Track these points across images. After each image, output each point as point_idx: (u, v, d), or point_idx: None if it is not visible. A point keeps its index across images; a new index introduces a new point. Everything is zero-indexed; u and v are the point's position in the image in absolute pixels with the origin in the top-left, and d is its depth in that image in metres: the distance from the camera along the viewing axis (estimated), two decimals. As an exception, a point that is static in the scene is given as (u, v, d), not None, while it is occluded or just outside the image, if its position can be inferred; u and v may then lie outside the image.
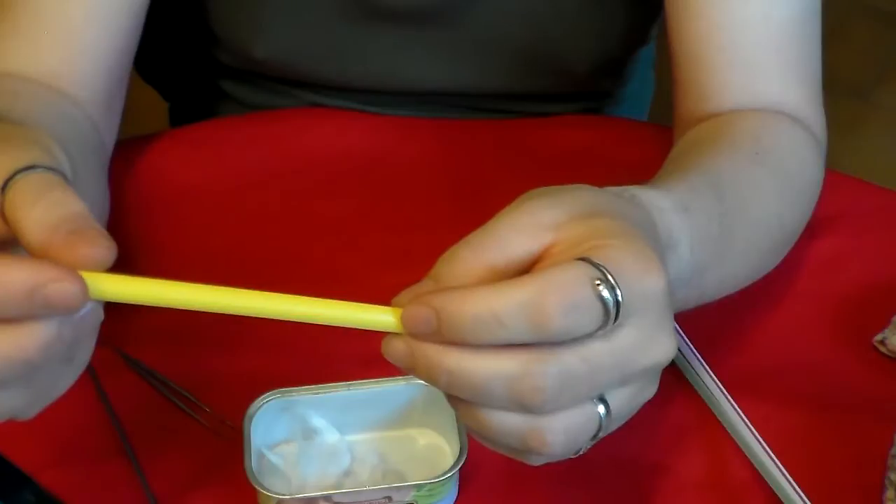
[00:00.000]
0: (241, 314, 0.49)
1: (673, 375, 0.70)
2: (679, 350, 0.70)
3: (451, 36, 0.86)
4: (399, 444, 0.65)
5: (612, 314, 0.46)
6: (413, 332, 0.46)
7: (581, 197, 0.50)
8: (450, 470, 0.61)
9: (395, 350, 0.47)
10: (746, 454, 0.66)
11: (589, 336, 0.46)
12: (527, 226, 0.48)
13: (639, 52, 0.96)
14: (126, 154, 0.83)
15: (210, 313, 0.75)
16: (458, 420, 0.63)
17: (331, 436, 0.64)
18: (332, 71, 0.89)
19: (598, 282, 0.45)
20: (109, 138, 0.79)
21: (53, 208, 0.47)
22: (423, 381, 0.64)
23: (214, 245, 0.79)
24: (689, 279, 0.59)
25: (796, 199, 0.73)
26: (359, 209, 0.81)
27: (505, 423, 0.47)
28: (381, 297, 0.75)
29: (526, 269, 0.48)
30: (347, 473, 0.64)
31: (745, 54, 0.75)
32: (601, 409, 0.47)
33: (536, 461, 0.49)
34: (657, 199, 0.56)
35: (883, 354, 0.72)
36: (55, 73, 0.74)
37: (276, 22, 0.86)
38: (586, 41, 0.87)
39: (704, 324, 0.71)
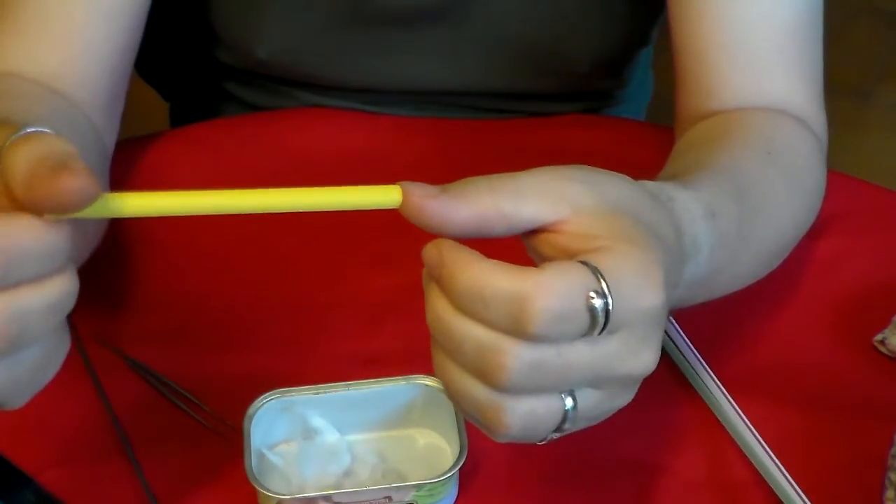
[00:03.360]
0: (244, 212, 0.50)
1: (673, 375, 0.70)
2: (679, 350, 0.70)
3: (451, 36, 0.86)
4: (399, 444, 0.65)
5: (599, 324, 0.46)
6: (424, 271, 0.48)
7: (616, 187, 0.51)
8: (450, 470, 0.61)
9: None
10: (746, 454, 0.66)
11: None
12: (551, 192, 0.49)
13: (639, 53, 0.96)
14: (126, 154, 0.83)
15: (212, 315, 0.75)
16: (458, 420, 0.63)
17: (331, 436, 0.64)
18: (333, 71, 0.89)
19: (592, 293, 0.45)
20: (110, 139, 0.78)
21: (42, 146, 0.46)
22: (423, 382, 0.64)
23: (214, 245, 0.79)
24: (703, 280, 0.59)
25: (806, 199, 0.73)
26: (359, 209, 0.81)
27: (468, 388, 0.47)
28: (381, 297, 0.75)
29: (527, 230, 0.49)
30: (347, 473, 0.64)
31: (748, 53, 0.75)
32: (569, 402, 0.47)
33: (495, 438, 0.49)
34: (690, 204, 0.56)
35: (883, 354, 0.72)
36: (56, 73, 0.74)
37: (277, 22, 0.86)
38: (587, 41, 0.87)
39: (704, 324, 0.71)
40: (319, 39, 0.87)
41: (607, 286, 0.45)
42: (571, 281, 0.45)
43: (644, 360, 0.48)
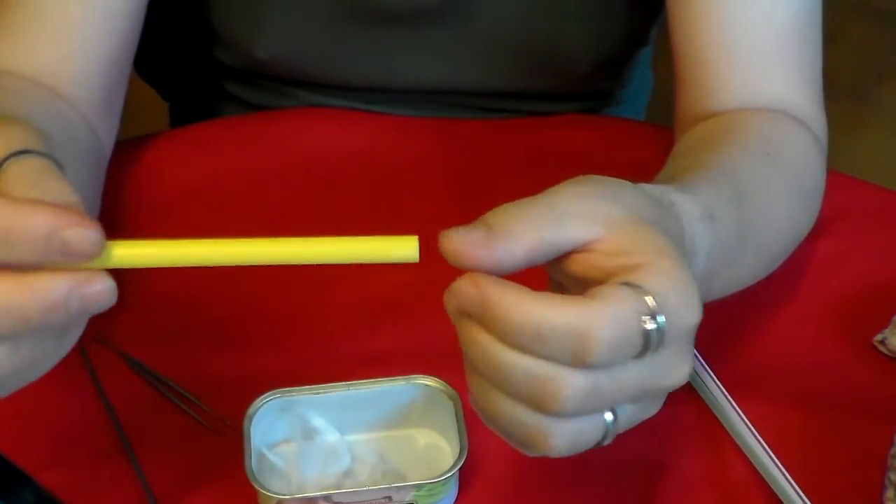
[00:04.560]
0: (253, 263, 0.49)
1: (673, 375, 0.70)
2: (679, 350, 0.70)
3: (451, 35, 0.86)
4: (399, 444, 0.65)
5: (651, 346, 0.46)
6: (457, 306, 0.47)
7: (634, 198, 0.51)
8: (450, 470, 0.61)
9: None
10: (746, 454, 0.66)
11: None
12: (584, 215, 0.49)
13: (639, 52, 0.96)
14: (126, 154, 0.83)
15: (212, 315, 0.75)
16: (458, 420, 0.63)
17: (331, 436, 0.64)
18: (333, 70, 0.89)
19: (644, 318, 0.46)
20: (108, 138, 0.78)
21: (48, 196, 0.47)
22: (423, 382, 0.64)
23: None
24: (699, 283, 0.59)
25: (805, 200, 0.73)
26: (359, 209, 0.81)
27: (515, 413, 0.47)
28: (381, 297, 0.75)
29: (567, 252, 0.48)
30: (347, 473, 0.64)
31: (747, 54, 0.75)
32: (609, 417, 0.48)
33: (533, 454, 0.49)
34: (688, 207, 0.56)
35: (883, 354, 0.72)
36: (52, 71, 0.74)
37: (277, 22, 0.86)
38: (586, 41, 0.87)
39: (704, 324, 0.71)
40: (319, 39, 0.87)
41: (658, 308, 0.46)
42: (626, 308, 0.46)
43: (683, 372, 0.49)
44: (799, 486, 0.63)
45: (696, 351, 0.70)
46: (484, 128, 0.88)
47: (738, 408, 0.67)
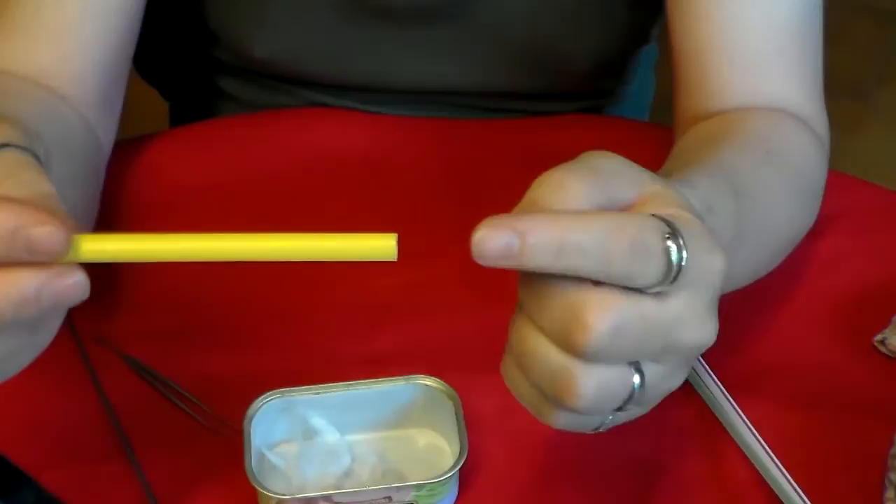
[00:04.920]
0: (227, 259, 0.48)
1: (673, 375, 0.70)
2: (679, 350, 0.70)
3: (451, 35, 0.86)
4: (399, 444, 0.65)
5: (673, 271, 0.46)
6: (487, 258, 0.45)
7: (646, 171, 0.51)
8: (450, 470, 0.61)
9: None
10: (746, 454, 0.66)
11: (644, 293, 0.46)
12: (625, 174, 0.49)
13: (640, 51, 0.96)
14: (125, 154, 0.83)
15: (212, 315, 0.75)
16: (458, 420, 0.63)
17: (331, 436, 0.64)
18: (333, 70, 0.89)
19: (667, 235, 0.46)
20: (107, 137, 0.78)
21: (21, 187, 0.47)
22: (423, 382, 0.64)
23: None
24: None
25: (804, 199, 0.73)
26: (359, 208, 0.81)
27: (545, 354, 0.47)
28: (381, 297, 0.75)
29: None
30: (347, 473, 0.64)
31: (747, 54, 0.75)
32: (636, 379, 0.48)
33: (556, 418, 0.49)
34: (688, 194, 0.56)
35: (883, 354, 0.72)
36: (50, 71, 0.74)
37: (276, 21, 0.86)
38: (588, 40, 0.87)
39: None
40: (319, 38, 0.87)
41: (681, 235, 0.46)
42: (649, 222, 0.46)
43: (708, 328, 0.49)
44: (799, 486, 0.63)
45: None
46: (484, 128, 0.88)
47: (738, 408, 0.67)
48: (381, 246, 0.47)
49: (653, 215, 0.47)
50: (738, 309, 0.72)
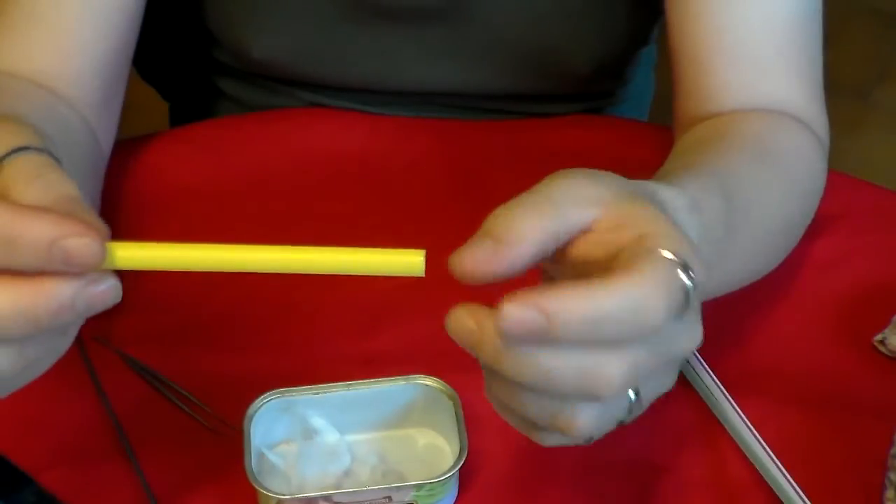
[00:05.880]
0: (257, 271, 0.48)
1: (673, 375, 0.70)
2: (679, 350, 0.70)
3: (451, 36, 0.86)
4: (399, 444, 0.65)
5: (690, 304, 0.47)
6: (515, 336, 0.45)
7: (618, 180, 0.51)
8: (450, 470, 0.61)
9: (462, 327, 0.46)
10: (746, 454, 0.66)
11: None
12: (579, 198, 0.49)
13: (640, 52, 0.96)
14: (125, 154, 0.83)
15: (212, 315, 0.75)
16: (458, 420, 0.63)
17: (331, 436, 0.64)
18: (332, 71, 0.89)
19: (682, 274, 0.46)
20: (106, 138, 0.78)
21: (49, 189, 0.48)
22: (423, 382, 0.64)
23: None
24: None
25: (800, 199, 0.73)
26: (359, 209, 0.81)
27: (543, 401, 0.47)
28: (381, 297, 0.75)
29: (571, 239, 0.48)
30: (347, 473, 0.64)
31: (746, 55, 0.75)
32: (632, 394, 0.48)
33: (552, 440, 0.49)
34: (673, 198, 0.56)
35: (883, 354, 0.72)
36: (49, 72, 0.74)
37: (274, 22, 0.86)
38: (588, 41, 0.87)
39: (704, 324, 0.71)
40: (318, 39, 0.87)
41: (691, 268, 0.46)
42: (670, 269, 0.46)
43: (699, 333, 0.49)
44: (799, 486, 0.63)
45: (695, 351, 0.70)
46: (484, 128, 0.88)
47: (738, 408, 0.67)
48: (409, 262, 0.47)
49: (669, 258, 0.46)
50: (738, 309, 0.72)
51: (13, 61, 0.74)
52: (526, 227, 0.47)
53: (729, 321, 0.73)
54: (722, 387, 0.68)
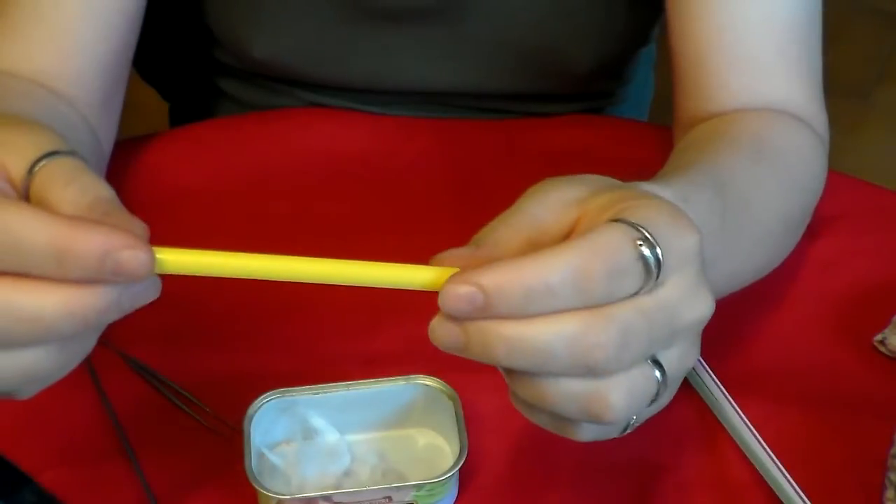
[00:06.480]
0: (293, 280, 0.51)
1: (673, 375, 0.70)
2: (679, 350, 0.70)
3: (451, 36, 0.86)
4: (399, 444, 0.65)
5: (653, 273, 0.46)
6: (456, 311, 0.46)
7: (597, 178, 0.51)
8: (450, 470, 0.61)
9: (446, 332, 0.47)
10: (746, 454, 0.66)
11: (635, 294, 0.46)
12: (555, 202, 0.49)
13: (640, 52, 0.96)
14: (125, 154, 0.83)
15: (212, 315, 0.75)
16: (458, 420, 0.63)
17: (331, 436, 0.64)
18: (332, 70, 0.89)
19: (639, 242, 0.46)
20: (107, 138, 0.78)
21: (85, 193, 0.48)
22: (423, 382, 0.64)
23: (214, 245, 0.79)
24: None
25: (799, 196, 0.73)
26: (359, 209, 0.81)
27: (568, 389, 0.47)
28: (381, 297, 0.75)
29: (558, 241, 0.48)
30: (347, 473, 0.64)
31: (746, 55, 0.75)
32: (657, 373, 0.48)
33: (585, 432, 0.49)
34: (658, 191, 0.57)
35: (883, 354, 0.72)
36: (50, 72, 0.74)
37: (274, 22, 0.86)
38: (588, 41, 0.87)
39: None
40: (318, 39, 0.87)
41: (649, 233, 0.46)
42: (616, 235, 0.46)
43: (705, 299, 0.49)
44: (799, 486, 0.63)
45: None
46: (484, 128, 0.88)
47: (738, 408, 0.67)
48: (429, 278, 0.48)
49: (619, 222, 0.47)
50: (738, 309, 0.72)
51: (13, 61, 0.74)
52: (502, 235, 0.48)
53: (729, 321, 0.73)
54: (722, 387, 0.68)
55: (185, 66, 1.02)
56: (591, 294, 0.45)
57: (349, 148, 0.86)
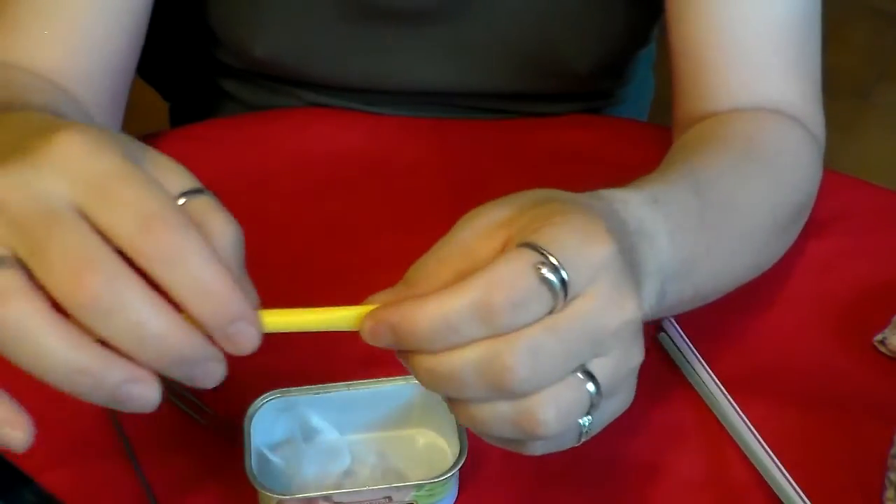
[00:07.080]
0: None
1: (673, 375, 0.70)
2: (679, 350, 0.70)
3: (451, 36, 0.86)
4: (399, 444, 0.65)
5: (559, 294, 0.46)
6: (376, 345, 0.48)
7: (533, 193, 0.51)
8: (450, 470, 0.61)
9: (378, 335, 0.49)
10: (746, 454, 0.66)
11: (549, 314, 0.47)
12: (484, 228, 0.49)
13: (639, 52, 0.96)
14: (126, 154, 0.83)
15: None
16: (457, 420, 0.63)
17: (331, 436, 0.64)
18: (332, 70, 0.89)
19: (539, 266, 0.46)
20: (110, 138, 0.78)
21: (222, 243, 0.51)
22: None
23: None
24: (678, 271, 0.59)
25: (790, 194, 0.72)
26: (359, 209, 0.81)
27: (495, 412, 0.48)
28: (381, 297, 0.75)
29: None
30: (347, 473, 0.64)
31: (744, 54, 0.75)
32: (590, 386, 0.48)
33: (535, 448, 0.50)
34: (620, 194, 0.57)
35: (883, 354, 0.72)
36: (57, 70, 0.74)
37: (275, 21, 0.86)
38: (587, 41, 0.87)
39: (704, 324, 0.71)
40: (319, 39, 0.87)
41: (552, 255, 0.46)
42: (517, 263, 0.46)
43: (627, 305, 0.48)
44: (799, 486, 0.63)
45: (695, 351, 0.70)
46: (484, 128, 0.88)
47: (738, 408, 0.67)
48: (352, 316, 0.50)
49: (524, 247, 0.47)
50: (738, 309, 0.72)
51: (21, 58, 0.74)
52: (435, 275, 0.49)
53: (729, 321, 0.73)
54: (722, 387, 0.68)
55: (185, 66, 1.02)
56: (497, 325, 0.46)
57: (349, 148, 0.86)
